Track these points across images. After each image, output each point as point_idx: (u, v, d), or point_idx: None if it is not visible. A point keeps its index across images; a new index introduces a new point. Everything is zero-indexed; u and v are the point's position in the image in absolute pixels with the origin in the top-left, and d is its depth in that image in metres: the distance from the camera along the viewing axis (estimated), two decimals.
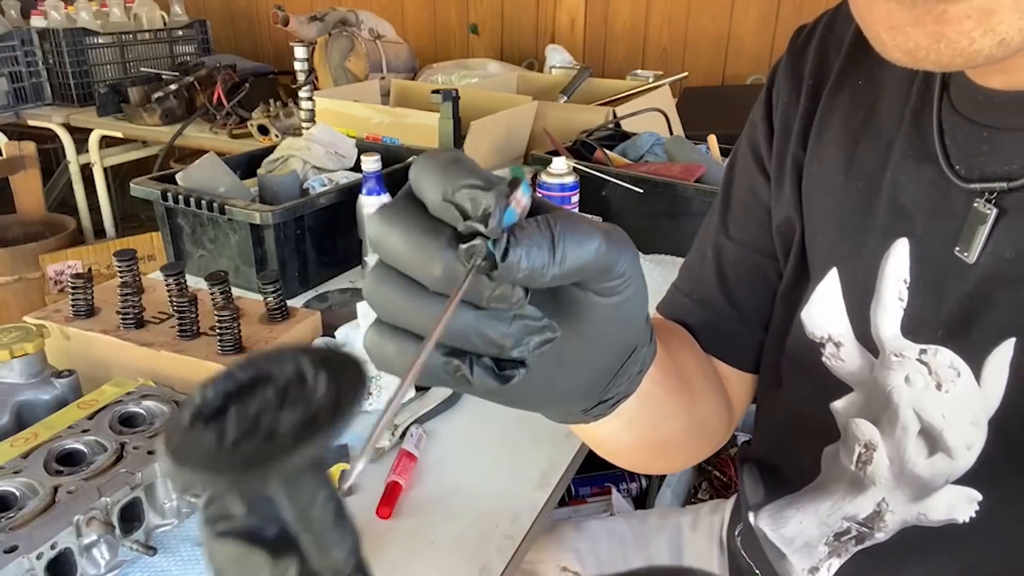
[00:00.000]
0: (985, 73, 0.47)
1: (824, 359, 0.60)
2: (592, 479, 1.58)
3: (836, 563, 0.62)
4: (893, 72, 0.55)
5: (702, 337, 0.65)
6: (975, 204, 0.49)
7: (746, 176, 0.65)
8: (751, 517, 0.69)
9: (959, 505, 0.53)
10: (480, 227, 0.29)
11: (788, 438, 0.68)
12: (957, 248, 0.50)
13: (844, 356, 0.59)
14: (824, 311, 0.59)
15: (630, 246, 0.35)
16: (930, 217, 0.52)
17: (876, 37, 0.41)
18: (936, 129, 0.51)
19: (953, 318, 0.51)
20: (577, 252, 0.31)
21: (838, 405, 0.61)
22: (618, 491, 1.52)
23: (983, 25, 0.37)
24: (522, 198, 0.33)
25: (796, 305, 0.62)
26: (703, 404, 0.60)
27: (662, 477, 1.46)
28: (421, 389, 0.96)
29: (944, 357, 0.52)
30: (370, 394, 0.95)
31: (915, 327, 0.53)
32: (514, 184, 0.33)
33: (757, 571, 0.71)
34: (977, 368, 0.50)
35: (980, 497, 0.52)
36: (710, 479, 1.49)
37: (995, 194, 0.48)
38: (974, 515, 0.52)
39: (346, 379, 0.16)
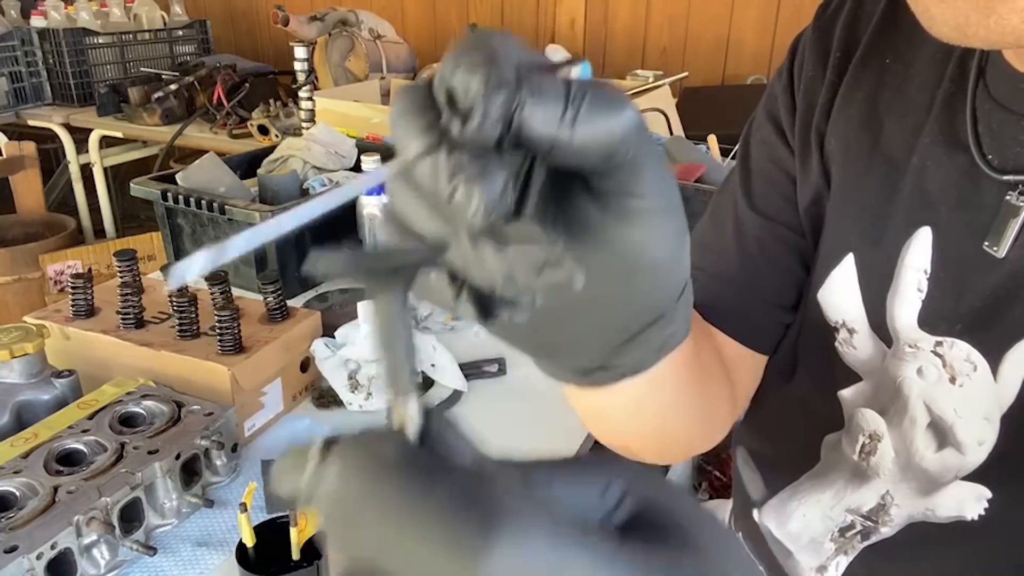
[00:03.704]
0: None
1: (837, 344, 0.59)
2: None
3: (844, 561, 0.61)
4: (924, 54, 0.54)
5: (715, 314, 0.61)
6: (1007, 197, 0.47)
7: (767, 148, 0.62)
8: (756, 514, 0.69)
9: (967, 502, 0.53)
10: (449, 125, 0.24)
11: (786, 422, 0.67)
12: (986, 243, 0.48)
13: (856, 344, 0.58)
14: (840, 296, 0.58)
15: (668, 172, 0.29)
16: (957, 207, 0.50)
17: (925, 11, 0.40)
18: (969, 116, 0.50)
19: (974, 312, 0.50)
20: (599, 116, 0.25)
21: (846, 394, 0.60)
22: None
23: None
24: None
25: (814, 286, 0.60)
26: (714, 394, 0.58)
27: None
28: (421, 389, 0.95)
29: (960, 350, 0.51)
30: (370, 394, 0.95)
31: (933, 319, 0.52)
32: (569, 63, 0.26)
33: (760, 567, 0.70)
34: (995, 363, 0.49)
35: (989, 495, 0.52)
36: (710, 479, 1.49)
37: None
38: (983, 513, 0.52)
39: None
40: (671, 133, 1.81)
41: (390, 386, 0.21)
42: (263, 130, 2.17)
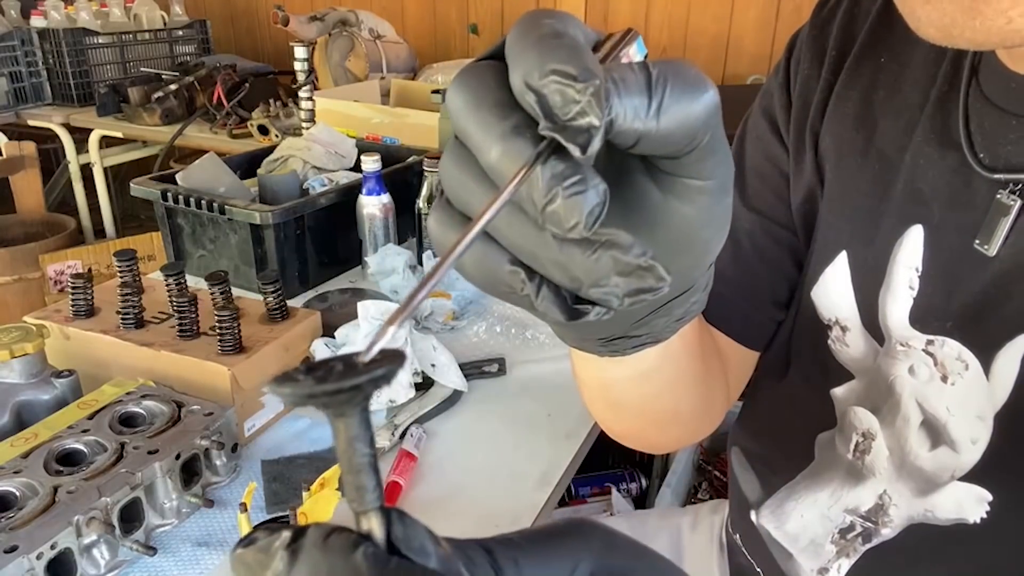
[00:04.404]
0: (1019, 58, 0.46)
1: (829, 342, 0.59)
2: (592, 479, 1.58)
3: (846, 564, 0.61)
4: (919, 53, 0.54)
5: (706, 309, 0.62)
6: (998, 195, 0.48)
7: (762, 145, 0.63)
8: (753, 516, 0.69)
9: (968, 504, 0.52)
10: (566, 142, 0.22)
11: (779, 421, 0.67)
12: (977, 241, 0.49)
13: (849, 341, 0.58)
14: (833, 293, 0.58)
15: (728, 148, 0.29)
16: (949, 206, 0.51)
17: (911, 13, 0.40)
18: (962, 115, 0.50)
19: (965, 310, 0.50)
20: (683, 101, 0.24)
21: (838, 392, 0.60)
22: (618, 491, 1.53)
23: (1021, 4, 0.36)
24: (635, 57, 0.25)
25: (807, 283, 0.60)
26: (712, 377, 0.58)
27: (662, 477, 1.46)
28: (421, 389, 0.96)
29: (951, 349, 0.51)
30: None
31: (924, 317, 0.52)
32: (625, 39, 0.25)
33: (759, 569, 0.70)
34: (987, 362, 0.50)
35: (990, 497, 0.52)
36: (710, 479, 1.49)
37: (1020, 185, 0.47)
38: (985, 516, 0.52)
39: (391, 354, 0.20)
40: None
41: (355, 504, 0.20)
42: (263, 130, 2.17)
